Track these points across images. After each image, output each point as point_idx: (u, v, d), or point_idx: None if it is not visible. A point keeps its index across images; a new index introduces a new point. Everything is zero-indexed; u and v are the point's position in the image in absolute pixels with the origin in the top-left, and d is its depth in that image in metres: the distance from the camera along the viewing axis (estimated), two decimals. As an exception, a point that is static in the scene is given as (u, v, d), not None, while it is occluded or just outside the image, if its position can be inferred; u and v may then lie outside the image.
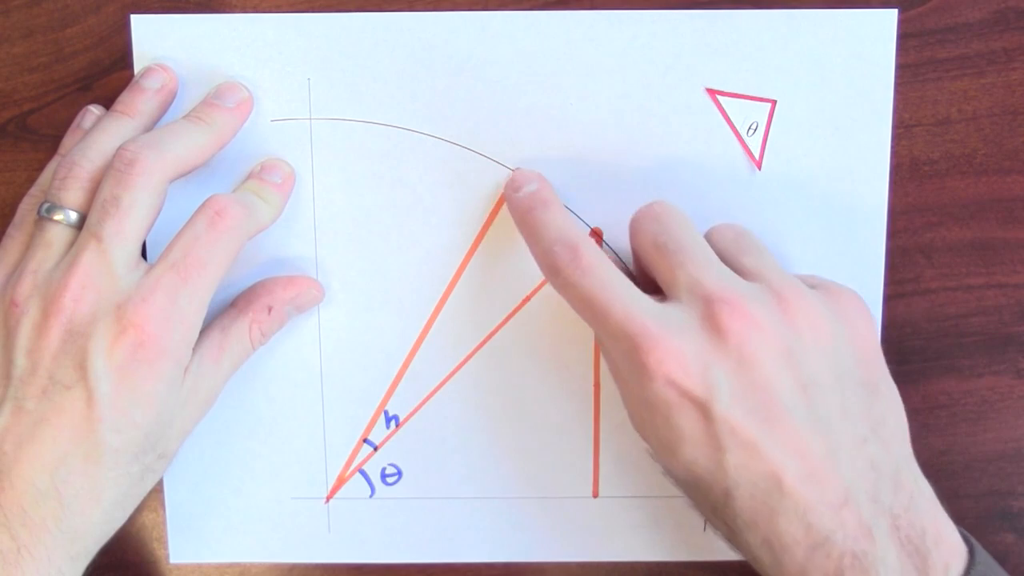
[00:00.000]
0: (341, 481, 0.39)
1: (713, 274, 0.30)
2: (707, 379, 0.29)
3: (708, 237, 0.33)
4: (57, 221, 0.33)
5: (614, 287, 0.30)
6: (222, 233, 0.32)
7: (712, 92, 0.36)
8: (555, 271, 0.31)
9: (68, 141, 0.36)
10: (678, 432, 0.29)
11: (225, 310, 0.36)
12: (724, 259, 0.32)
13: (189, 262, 0.32)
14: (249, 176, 0.36)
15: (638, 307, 0.30)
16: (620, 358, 0.30)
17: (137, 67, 0.36)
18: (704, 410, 0.29)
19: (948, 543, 0.29)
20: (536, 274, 0.37)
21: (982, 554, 0.29)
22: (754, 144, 0.37)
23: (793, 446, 0.28)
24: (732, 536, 0.30)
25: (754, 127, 0.36)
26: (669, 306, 0.30)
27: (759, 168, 0.37)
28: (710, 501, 0.30)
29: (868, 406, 0.30)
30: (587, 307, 0.31)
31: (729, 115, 0.36)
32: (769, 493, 0.28)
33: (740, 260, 0.32)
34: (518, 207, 0.34)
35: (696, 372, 0.29)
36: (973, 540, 0.30)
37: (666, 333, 0.29)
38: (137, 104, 0.35)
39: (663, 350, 0.29)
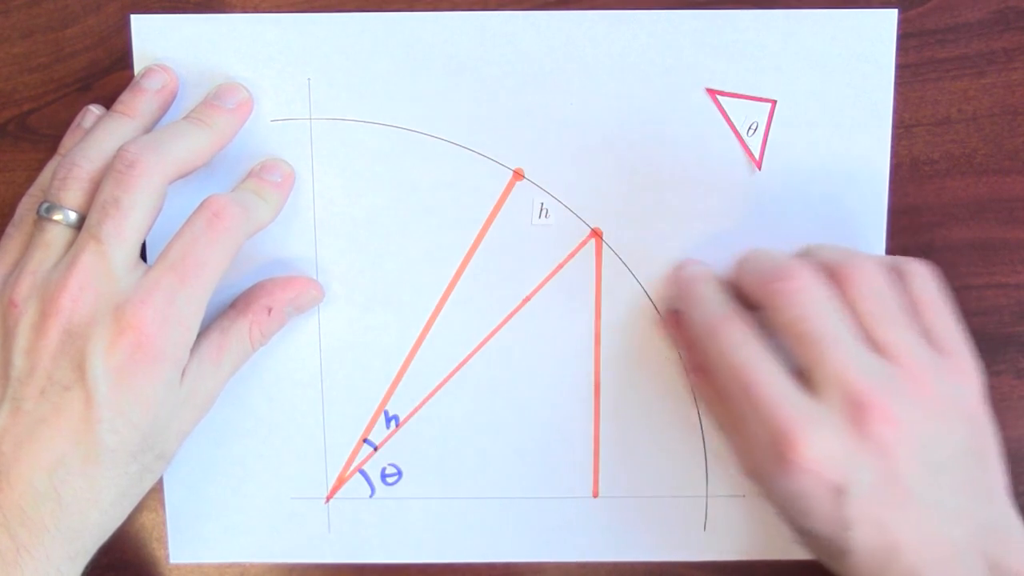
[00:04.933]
0: (341, 481, 0.39)
1: (856, 369, 0.31)
2: (847, 473, 0.30)
3: (855, 299, 0.33)
4: (56, 221, 0.32)
5: (764, 370, 0.32)
6: (220, 233, 0.32)
7: (712, 92, 0.36)
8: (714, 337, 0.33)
9: (68, 141, 0.36)
10: (806, 509, 0.31)
11: (224, 311, 0.36)
12: (861, 327, 0.32)
13: (188, 263, 0.32)
14: (248, 175, 0.36)
15: (786, 397, 0.31)
16: (761, 434, 0.31)
17: (137, 67, 0.36)
18: (838, 496, 0.30)
19: None
20: (536, 274, 0.37)
21: None
22: (754, 144, 0.37)
23: (915, 523, 0.30)
24: (837, 568, 0.32)
25: (754, 127, 0.36)
26: (815, 401, 0.31)
27: (759, 168, 0.37)
28: (823, 548, 0.32)
29: (982, 471, 0.32)
30: (738, 381, 0.32)
31: (729, 115, 0.36)
32: (887, 559, 0.30)
33: (875, 333, 0.32)
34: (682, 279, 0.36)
35: (837, 467, 0.30)
36: None
37: (812, 429, 0.30)
38: (137, 104, 0.35)
39: (809, 446, 0.30)
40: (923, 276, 0.33)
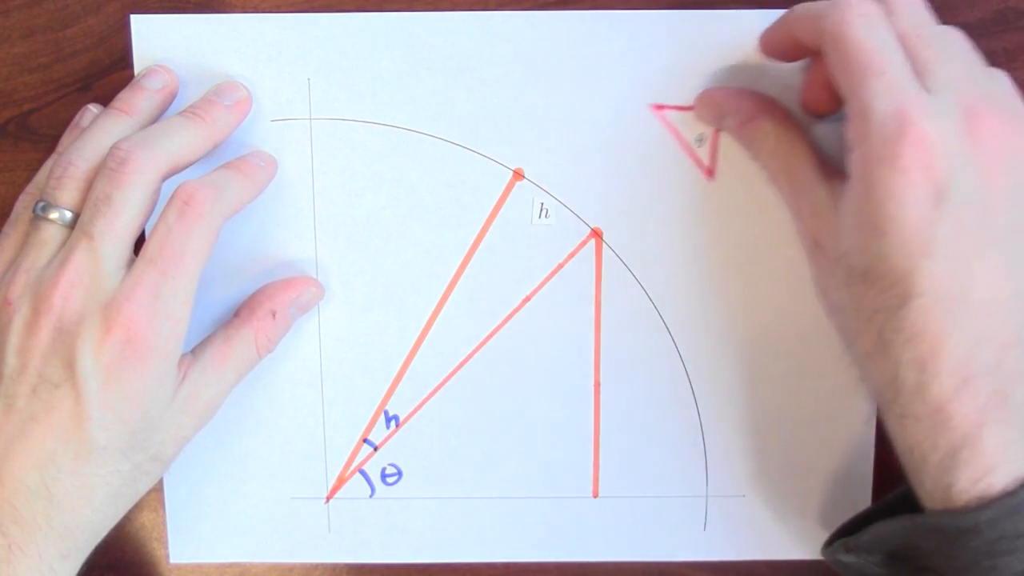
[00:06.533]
0: (341, 481, 0.39)
1: (971, 80, 0.30)
2: (951, 173, 0.28)
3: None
4: (52, 220, 0.32)
5: (891, 49, 0.30)
6: (193, 221, 0.32)
7: (712, 92, 0.36)
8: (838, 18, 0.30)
9: (66, 139, 0.36)
10: (895, 215, 0.28)
11: (229, 320, 0.36)
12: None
13: (165, 256, 0.32)
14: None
15: (910, 80, 0.29)
16: (871, 121, 0.29)
17: (137, 67, 0.36)
18: (936, 201, 0.28)
19: None
20: (536, 274, 0.37)
21: None
22: (754, 144, 0.36)
23: (993, 275, 0.28)
24: (873, 349, 0.30)
25: (754, 127, 0.36)
26: (931, 96, 0.29)
27: (759, 168, 0.37)
28: (877, 303, 0.29)
29: None
30: (854, 61, 0.30)
31: (729, 115, 0.36)
32: (951, 311, 0.28)
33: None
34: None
35: (945, 161, 0.28)
36: None
37: (930, 114, 0.28)
38: (136, 102, 0.35)
39: (927, 127, 0.28)
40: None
